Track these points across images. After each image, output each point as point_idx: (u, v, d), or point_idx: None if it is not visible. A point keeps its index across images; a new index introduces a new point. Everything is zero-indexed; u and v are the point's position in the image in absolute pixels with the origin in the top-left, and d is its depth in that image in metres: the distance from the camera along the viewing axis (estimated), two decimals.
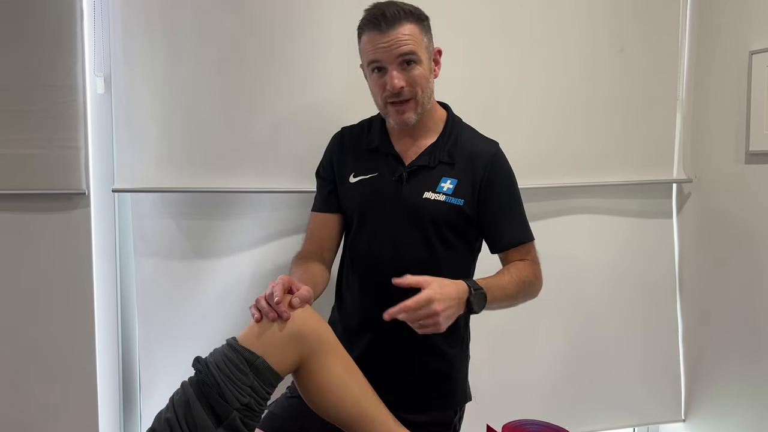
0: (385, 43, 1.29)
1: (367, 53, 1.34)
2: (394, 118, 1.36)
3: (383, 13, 1.29)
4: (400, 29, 1.29)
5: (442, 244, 1.38)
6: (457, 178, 1.38)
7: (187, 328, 1.71)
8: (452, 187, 1.37)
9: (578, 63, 1.98)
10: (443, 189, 1.37)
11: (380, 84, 1.34)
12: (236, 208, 1.76)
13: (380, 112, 1.42)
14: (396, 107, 1.34)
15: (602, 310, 2.09)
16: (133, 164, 1.67)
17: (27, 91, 1.58)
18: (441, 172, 1.38)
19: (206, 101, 1.69)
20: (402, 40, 1.29)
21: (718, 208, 2.03)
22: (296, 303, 1.16)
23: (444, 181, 1.37)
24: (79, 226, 1.66)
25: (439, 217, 1.36)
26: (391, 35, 1.29)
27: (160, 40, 1.66)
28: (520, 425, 1.39)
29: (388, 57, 1.30)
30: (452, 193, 1.37)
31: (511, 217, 1.41)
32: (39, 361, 1.65)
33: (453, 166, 1.39)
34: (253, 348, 1.11)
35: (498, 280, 1.32)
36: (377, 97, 1.38)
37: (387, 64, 1.31)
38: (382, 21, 1.29)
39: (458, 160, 1.39)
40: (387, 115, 1.38)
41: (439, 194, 1.37)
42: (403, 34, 1.29)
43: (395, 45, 1.29)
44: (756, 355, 1.93)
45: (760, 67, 1.86)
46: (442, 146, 1.40)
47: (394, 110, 1.35)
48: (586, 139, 2.00)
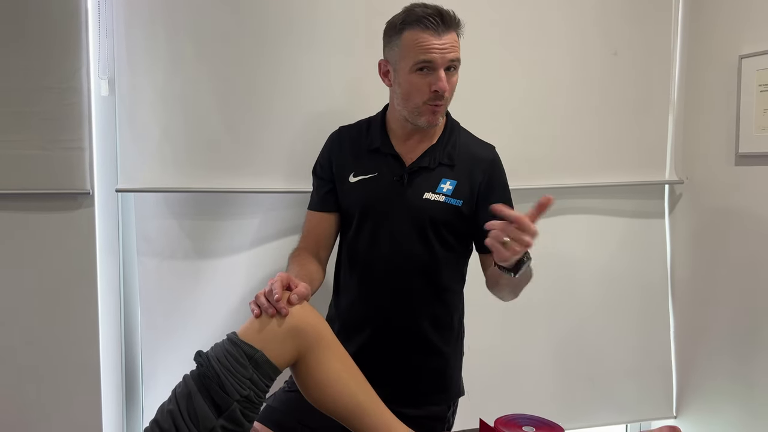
0: (440, 45, 1.31)
1: (415, 52, 1.32)
2: (427, 118, 1.37)
3: (441, 14, 1.31)
4: (451, 35, 1.33)
5: (439, 244, 1.42)
6: (456, 180, 1.41)
7: (189, 324, 1.75)
8: (451, 188, 1.41)
9: (572, 66, 2.02)
10: (443, 190, 1.41)
11: (425, 83, 1.34)
12: (236, 208, 1.80)
13: (407, 110, 1.39)
14: (432, 108, 1.36)
15: (596, 308, 2.13)
16: (136, 165, 1.71)
17: (33, 93, 1.63)
18: (441, 173, 1.42)
19: (207, 104, 1.74)
20: (454, 45, 1.33)
21: (709, 208, 2.08)
22: (294, 300, 1.19)
23: (444, 182, 1.41)
24: (83, 225, 1.70)
25: (438, 217, 1.40)
26: (446, 38, 1.32)
27: (162, 44, 1.70)
28: (512, 419, 1.43)
29: (442, 60, 1.32)
30: (451, 194, 1.40)
31: None
32: (43, 355, 1.69)
33: (452, 168, 1.42)
34: (252, 342, 1.14)
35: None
36: (416, 96, 1.36)
37: (438, 66, 1.33)
38: (440, 22, 1.31)
39: (457, 162, 1.43)
40: (419, 114, 1.38)
41: (438, 195, 1.40)
42: (454, 40, 1.34)
43: (449, 49, 1.32)
44: (746, 354, 1.97)
45: (749, 71, 1.90)
46: (442, 148, 1.44)
47: (430, 110, 1.37)
48: (580, 141, 2.05)
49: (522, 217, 1.11)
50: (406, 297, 1.43)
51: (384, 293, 1.43)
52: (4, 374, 1.68)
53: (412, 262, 1.40)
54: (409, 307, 1.43)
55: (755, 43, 1.89)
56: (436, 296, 1.44)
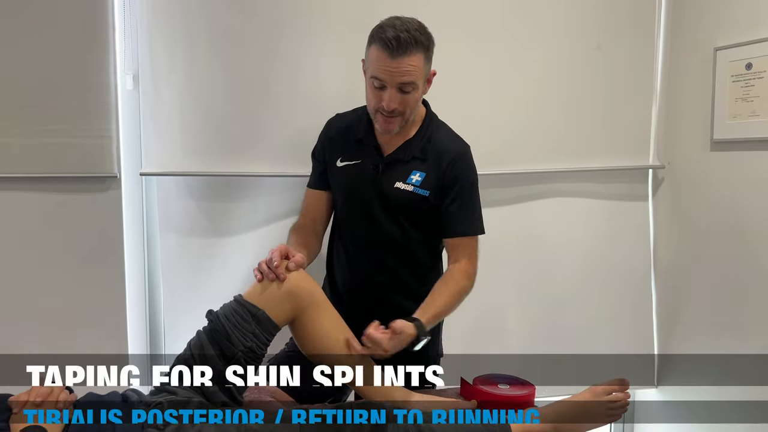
0: (392, 68, 1.40)
1: (372, 68, 1.44)
2: (380, 126, 1.52)
3: (397, 38, 1.38)
4: (408, 59, 1.40)
5: (410, 225, 1.59)
6: (425, 172, 1.56)
7: (205, 293, 1.93)
8: (420, 180, 1.55)
9: (559, 57, 2.14)
10: (412, 180, 1.55)
11: (376, 96, 1.47)
12: (248, 191, 1.99)
13: (369, 112, 1.55)
14: (384, 118, 1.49)
15: (581, 285, 2.27)
16: (158, 151, 1.90)
17: (66, 87, 1.81)
18: (413, 165, 1.56)
19: (221, 96, 1.91)
20: (407, 70, 1.41)
21: (688, 191, 2.21)
22: (291, 267, 1.39)
23: (414, 174, 1.56)
24: (111, 206, 1.89)
25: (407, 205, 1.56)
26: (398, 62, 1.40)
27: (180, 43, 1.88)
28: (489, 378, 1.59)
29: (391, 81, 1.42)
30: (419, 185, 1.55)
31: (465, 210, 1.57)
32: (76, 321, 1.88)
33: (424, 161, 1.57)
34: (255, 303, 1.35)
35: (436, 304, 1.49)
36: (370, 104, 1.52)
37: (388, 86, 1.43)
38: (395, 46, 1.38)
39: (429, 156, 1.57)
40: (375, 120, 1.53)
41: (408, 185, 1.55)
42: (409, 65, 1.40)
43: (399, 73, 1.41)
44: (721, 329, 2.11)
45: (723, 62, 2.02)
46: (417, 143, 1.57)
47: (383, 120, 1.50)
48: (567, 128, 2.18)
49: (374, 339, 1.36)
50: (382, 270, 1.61)
51: (364, 265, 1.62)
52: (42, 337, 1.85)
53: (387, 240, 1.59)
54: (386, 278, 1.61)
55: (729, 36, 2.01)
56: (410, 270, 1.62)
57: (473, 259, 1.59)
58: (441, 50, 1.52)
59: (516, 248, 2.18)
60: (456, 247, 1.59)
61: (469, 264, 1.57)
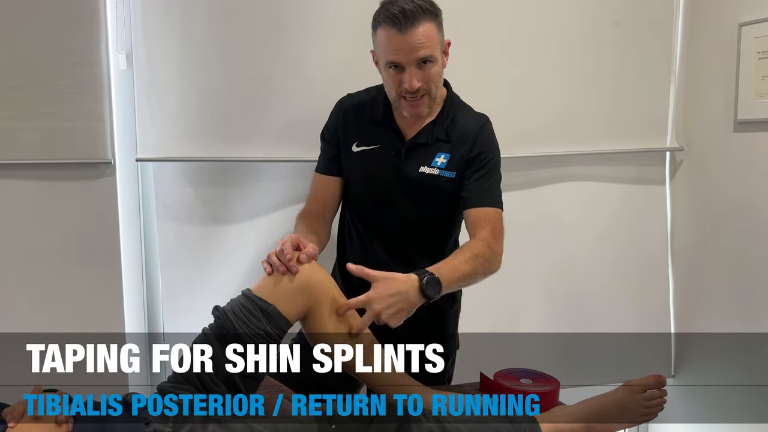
0: (405, 44, 1.33)
1: (386, 53, 1.37)
2: (407, 111, 1.44)
3: (403, 10, 1.31)
4: (419, 30, 1.32)
5: (433, 213, 1.51)
6: (450, 153, 1.48)
7: (205, 283, 1.86)
8: (446, 162, 1.47)
9: (576, 35, 2.06)
10: (437, 163, 1.48)
11: (397, 80, 1.39)
12: (248, 176, 1.90)
13: (391, 100, 1.47)
14: (410, 102, 1.41)
15: (597, 271, 2.20)
16: (154, 136, 1.81)
17: (56, 67, 1.71)
18: (437, 147, 1.49)
19: (219, 77, 1.82)
20: (421, 42, 1.33)
21: (708, 175, 2.13)
22: (303, 259, 1.29)
23: (438, 156, 1.48)
24: (106, 193, 1.80)
25: (432, 189, 1.48)
26: (410, 36, 1.32)
27: (177, 19, 1.77)
28: (510, 373, 1.52)
29: (408, 59, 1.35)
30: (445, 167, 1.47)
31: (484, 181, 1.48)
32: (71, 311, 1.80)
33: (448, 143, 1.49)
34: (265, 297, 1.24)
35: (449, 261, 1.36)
36: (391, 91, 1.42)
37: (406, 65, 1.36)
38: (402, 19, 1.31)
39: (453, 138, 1.49)
40: (400, 107, 1.44)
41: (433, 168, 1.47)
42: (422, 36, 1.33)
43: (414, 48, 1.33)
44: (741, 316, 2.04)
45: (748, 39, 1.93)
46: (441, 125, 1.49)
47: (408, 104, 1.42)
48: (583, 109, 2.10)
49: (351, 304, 1.28)
50: (399, 257, 1.52)
51: (380, 254, 1.53)
52: (36, 325, 1.76)
53: (407, 227, 1.50)
54: (402, 266, 1.49)
55: (754, 11, 1.92)
56: (429, 257, 1.50)
57: (495, 232, 1.46)
58: (455, 32, 1.47)
59: (531, 232, 2.11)
60: (477, 220, 1.47)
61: (488, 234, 1.44)
